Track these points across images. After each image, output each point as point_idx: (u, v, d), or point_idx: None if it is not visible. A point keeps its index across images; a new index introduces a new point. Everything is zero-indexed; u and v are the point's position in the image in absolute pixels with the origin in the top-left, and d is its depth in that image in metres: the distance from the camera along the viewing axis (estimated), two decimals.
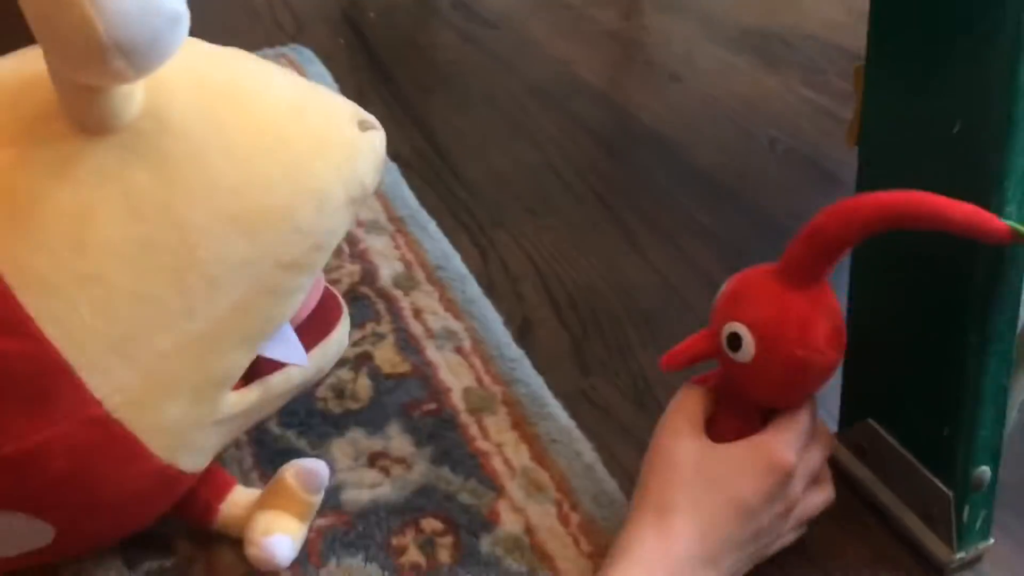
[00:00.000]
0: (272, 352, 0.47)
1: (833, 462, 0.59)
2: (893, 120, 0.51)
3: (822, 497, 0.52)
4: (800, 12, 1.40)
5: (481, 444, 0.58)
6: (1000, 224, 0.43)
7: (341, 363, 0.64)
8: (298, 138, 0.45)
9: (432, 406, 0.61)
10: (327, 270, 0.73)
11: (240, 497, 0.51)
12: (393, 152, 0.92)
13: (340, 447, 0.57)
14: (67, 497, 0.42)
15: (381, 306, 0.70)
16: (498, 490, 0.55)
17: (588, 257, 0.80)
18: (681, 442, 0.48)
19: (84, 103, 0.39)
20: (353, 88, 1.06)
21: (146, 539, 0.51)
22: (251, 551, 0.49)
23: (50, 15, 0.35)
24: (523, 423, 0.60)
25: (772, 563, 0.53)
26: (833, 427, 0.61)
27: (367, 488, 0.55)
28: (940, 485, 0.52)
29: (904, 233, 0.52)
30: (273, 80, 0.47)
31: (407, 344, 0.66)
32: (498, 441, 0.58)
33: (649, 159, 0.96)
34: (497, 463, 0.57)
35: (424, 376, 0.63)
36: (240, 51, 0.48)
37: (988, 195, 0.46)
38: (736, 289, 0.50)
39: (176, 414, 0.42)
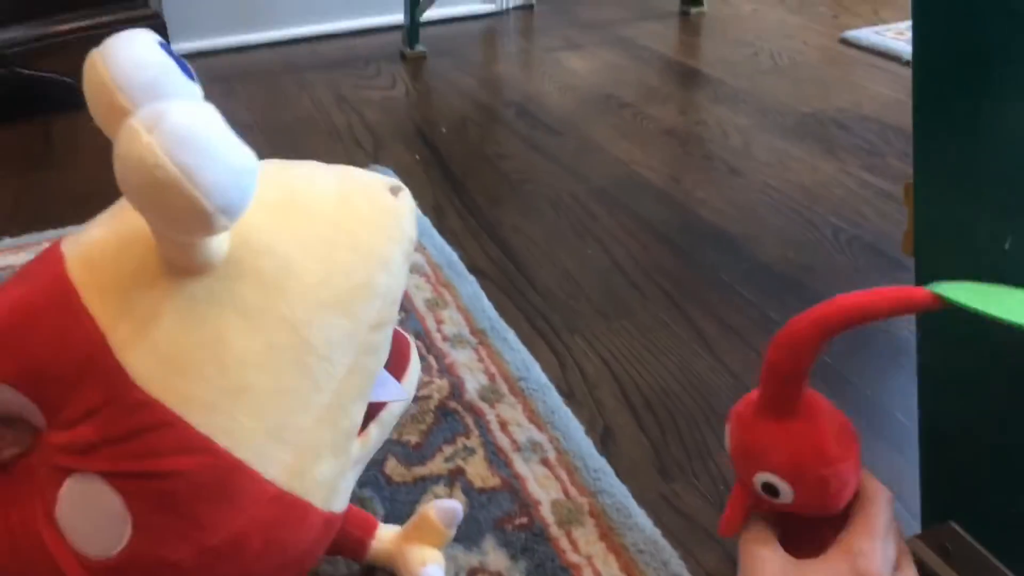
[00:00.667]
0: (379, 396, 0.55)
1: (918, 562, 0.60)
2: (944, 235, 0.54)
3: None
4: (855, 93, 1.44)
5: (572, 557, 0.61)
6: (924, 294, 0.45)
7: (436, 479, 0.69)
8: (354, 221, 0.52)
9: (523, 520, 0.65)
10: (420, 384, 0.79)
11: (384, 533, 0.62)
12: (471, 264, 0.99)
13: None
14: (265, 564, 0.50)
15: (469, 420, 0.75)
16: None
17: (661, 359, 0.83)
18: (766, 565, 0.50)
19: (190, 254, 0.46)
20: (430, 202, 1.14)
21: None
22: None
23: (159, 202, 0.41)
24: (610, 534, 0.63)
25: None
26: (916, 527, 0.62)
27: None
28: None
29: (970, 338, 0.54)
30: (315, 178, 0.54)
31: (495, 457, 0.71)
32: (588, 553, 0.62)
33: (713, 255, 0.99)
34: (588, 575, 0.60)
35: (513, 489, 0.67)
36: (278, 161, 0.55)
37: None
38: (741, 438, 0.51)
39: (326, 471, 0.51)
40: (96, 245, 0.49)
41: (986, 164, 0.51)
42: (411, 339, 0.61)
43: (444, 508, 0.60)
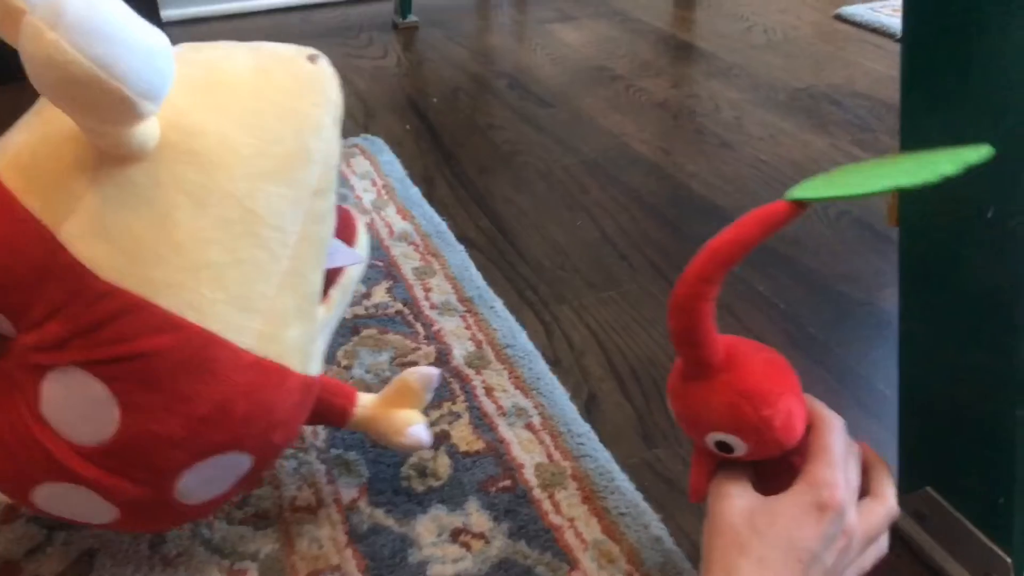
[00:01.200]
0: (334, 261, 0.57)
1: (894, 528, 0.61)
2: (929, 204, 0.54)
3: (876, 551, 0.53)
4: (848, 69, 1.44)
5: (554, 518, 0.62)
6: (782, 205, 0.44)
7: None
8: (277, 92, 0.53)
9: (507, 483, 0.65)
10: (406, 351, 0.79)
11: (366, 400, 0.64)
12: (460, 234, 0.99)
13: (424, 524, 0.62)
14: (252, 427, 0.52)
15: (456, 385, 0.75)
16: (572, 563, 0.59)
17: (647, 329, 0.84)
18: (732, 503, 0.50)
19: (123, 142, 0.46)
20: (420, 172, 1.14)
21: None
22: (399, 440, 0.62)
23: (79, 97, 0.41)
24: (592, 497, 0.64)
25: None
26: None
27: (451, 563, 0.59)
28: (1000, 552, 0.54)
29: (948, 310, 0.55)
30: (231, 55, 0.54)
31: (481, 422, 0.71)
32: (570, 515, 0.62)
33: (702, 228, 1.00)
34: (570, 537, 0.61)
35: (498, 453, 0.68)
36: (190, 44, 0.56)
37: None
38: (682, 409, 0.52)
39: (296, 335, 0.53)
40: (24, 149, 0.49)
41: (971, 138, 0.51)
42: (353, 211, 0.64)
43: (422, 373, 0.63)
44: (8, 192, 0.48)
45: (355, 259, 0.59)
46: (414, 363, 0.78)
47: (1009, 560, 0.53)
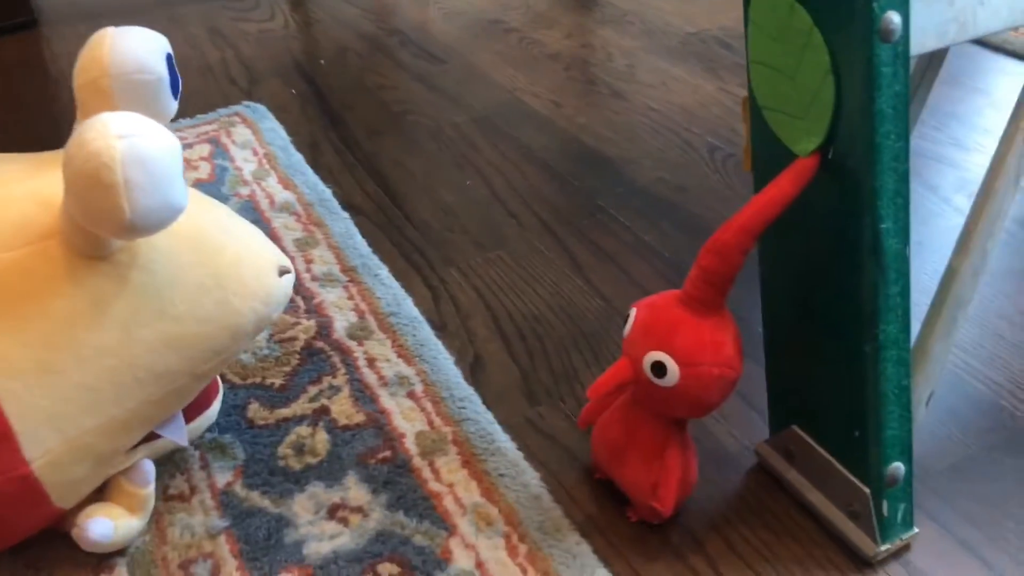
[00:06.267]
0: (161, 430, 0.58)
1: (766, 466, 0.63)
2: (778, 147, 0.54)
3: None
4: (739, 10, 1.43)
5: (433, 486, 0.62)
6: (808, 160, 0.50)
7: (299, 419, 0.68)
8: (232, 283, 0.56)
9: (387, 453, 0.65)
10: (285, 327, 0.77)
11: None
12: (346, 201, 0.96)
13: (301, 502, 0.61)
14: None
15: (336, 358, 0.74)
16: (450, 529, 0.59)
17: (534, 286, 0.83)
18: None
19: (85, 240, 0.50)
20: (306, 139, 1.10)
21: None
22: (73, 532, 0.57)
23: (89, 193, 0.44)
24: (473, 460, 0.63)
25: (705, 563, 0.57)
26: (765, 434, 0.64)
27: (327, 540, 0.58)
28: (858, 483, 0.56)
29: (800, 252, 0.56)
30: (224, 229, 0.57)
31: (362, 394, 0.70)
32: (449, 481, 0.62)
33: (592, 181, 0.99)
34: (449, 503, 0.60)
35: (379, 424, 0.67)
36: (205, 198, 0.59)
37: (864, 213, 0.49)
38: (649, 320, 0.54)
39: (81, 474, 0.53)
40: (3, 179, 0.53)
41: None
42: (220, 389, 0.66)
43: (133, 467, 0.58)
44: None
45: (179, 439, 0.59)
46: (293, 338, 0.76)
47: (867, 490, 0.55)
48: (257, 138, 1.07)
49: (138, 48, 0.51)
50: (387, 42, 1.39)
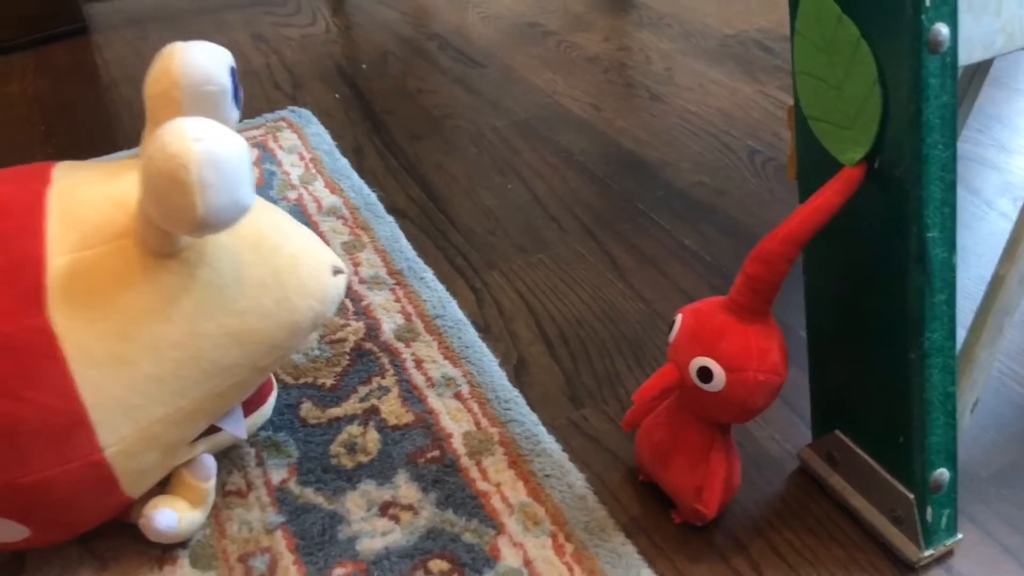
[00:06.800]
0: (222, 423, 0.60)
1: (809, 471, 0.64)
2: (823, 157, 0.55)
3: None
4: (778, 12, 1.43)
5: (481, 485, 0.63)
6: (854, 170, 0.51)
7: (350, 419, 0.70)
8: (291, 281, 0.58)
9: (435, 453, 0.66)
10: (335, 328, 0.79)
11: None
12: (390, 204, 0.98)
13: (353, 499, 0.63)
14: (55, 516, 0.55)
15: (385, 359, 0.76)
16: (498, 527, 0.60)
17: (576, 290, 0.85)
18: None
19: (157, 238, 0.53)
20: (350, 143, 1.12)
21: None
22: (140, 522, 0.59)
23: (165, 192, 0.47)
24: (519, 461, 0.65)
25: (749, 566, 0.57)
26: (808, 438, 0.65)
27: (380, 536, 0.60)
28: (902, 489, 0.56)
29: (845, 260, 0.56)
30: (282, 232, 0.60)
31: (410, 394, 0.72)
32: (496, 481, 0.64)
33: (631, 184, 1.00)
34: (496, 502, 0.62)
35: (427, 425, 0.69)
36: (262, 201, 0.62)
37: (911, 222, 0.50)
38: (695, 326, 0.56)
39: (149, 463, 0.56)
40: (83, 182, 0.56)
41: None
42: (275, 387, 0.69)
43: (196, 461, 0.60)
44: (43, 204, 0.54)
45: (239, 434, 0.62)
46: (343, 339, 0.78)
47: (911, 496, 0.56)
48: (303, 143, 1.10)
49: (205, 61, 0.54)
50: (426, 46, 1.41)
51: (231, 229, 0.54)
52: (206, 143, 0.47)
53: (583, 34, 1.40)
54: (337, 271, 0.61)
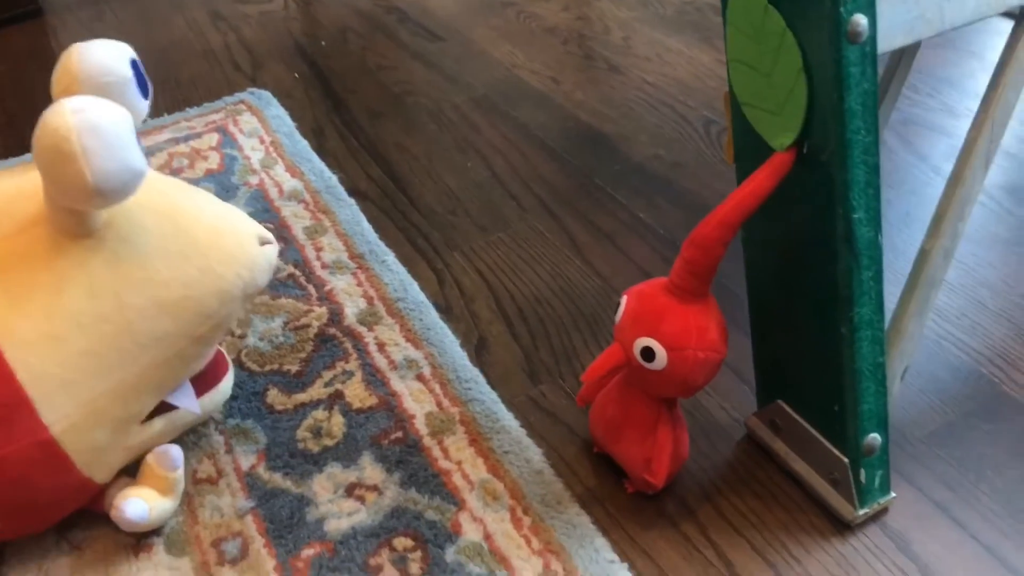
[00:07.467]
0: (173, 399, 0.62)
1: (754, 438, 0.67)
2: (758, 141, 0.57)
3: None
4: None
5: (443, 464, 0.66)
6: (783, 155, 0.53)
7: (316, 404, 0.72)
8: (213, 251, 0.60)
9: (398, 434, 0.69)
10: (299, 314, 0.81)
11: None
12: (351, 186, 0.99)
13: (320, 482, 0.66)
14: (11, 499, 0.57)
15: (348, 344, 0.78)
16: (459, 504, 0.63)
17: (535, 267, 0.87)
18: None
19: (67, 218, 0.55)
20: (310, 124, 1.13)
21: None
22: (112, 512, 0.61)
23: (54, 166, 0.50)
24: (479, 439, 0.68)
25: (697, 530, 0.61)
26: (755, 406, 0.68)
27: (346, 516, 0.63)
28: (838, 453, 0.60)
29: (780, 240, 0.59)
30: (200, 204, 0.62)
31: (373, 378, 0.74)
32: (457, 459, 0.66)
33: (589, 159, 1.02)
34: (457, 479, 0.65)
35: (390, 407, 0.71)
36: (180, 183, 0.64)
37: (838, 204, 0.52)
38: (638, 308, 0.58)
39: (100, 439, 0.58)
40: None
41: None
42: (231, 366, 0.70)
43: (160, 451, 0.62)
44: None
45: (192, 408, 0.64)
46: (307, 325, 0.80)
47: (846, 460, 0.59)
48: (263, 126, 1.10)
49: (103, 55, 0.57)
50: (385, 20, 1.40)
51: (146, 205, 0.56)
52: (85, 113, 0.49)
53: (543, 3, 1.40)
54: (265, 241, 0.63)
